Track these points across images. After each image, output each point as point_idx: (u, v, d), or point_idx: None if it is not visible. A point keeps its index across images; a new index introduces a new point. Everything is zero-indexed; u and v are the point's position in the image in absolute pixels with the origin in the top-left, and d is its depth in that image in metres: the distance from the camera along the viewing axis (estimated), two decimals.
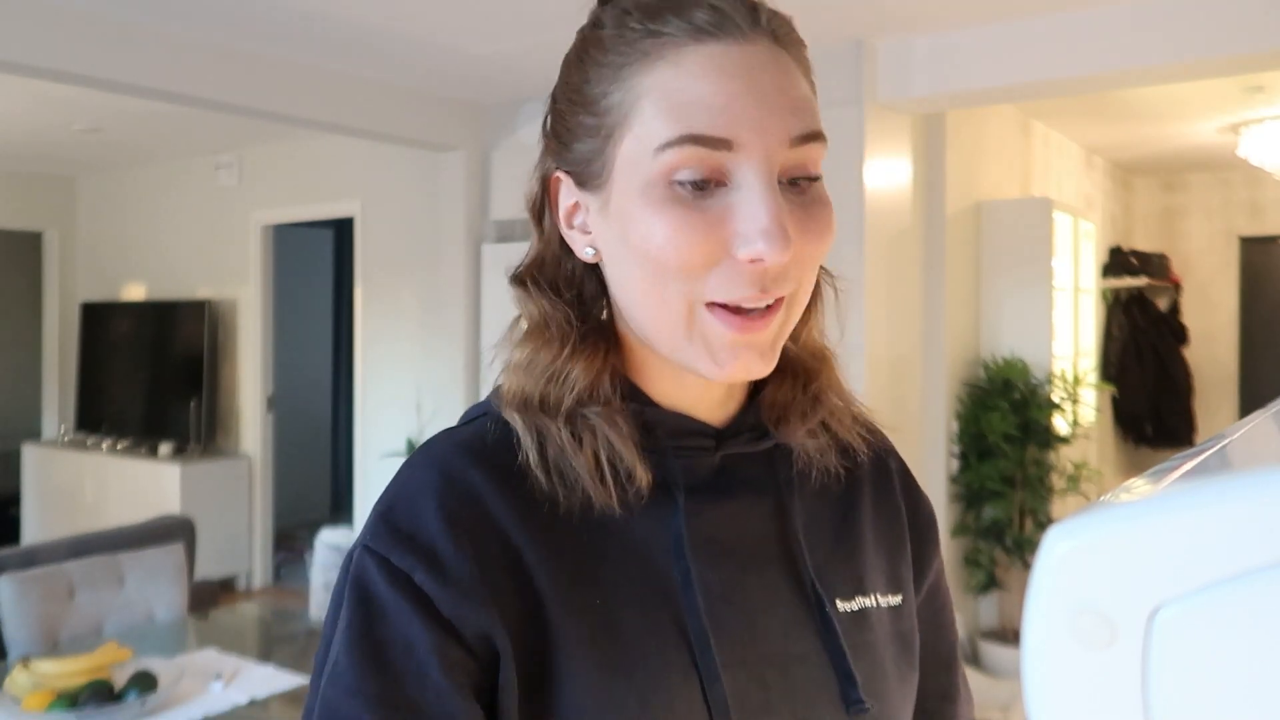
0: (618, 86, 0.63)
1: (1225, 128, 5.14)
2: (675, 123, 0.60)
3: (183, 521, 3.64)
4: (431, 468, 0.65)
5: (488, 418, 0.68)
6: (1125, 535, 0.31)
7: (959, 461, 4.22)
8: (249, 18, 3.30)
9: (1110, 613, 0.31)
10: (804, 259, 0.62)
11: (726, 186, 0.60)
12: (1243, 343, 6.70)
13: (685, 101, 0.60)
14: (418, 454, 0.67)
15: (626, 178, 0.62)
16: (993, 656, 4.21)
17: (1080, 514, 0.34)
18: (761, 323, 0.61)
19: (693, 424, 0.68)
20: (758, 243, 0.59)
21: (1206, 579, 0.29)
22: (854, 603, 0.71)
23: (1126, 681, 0.30)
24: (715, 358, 0.62)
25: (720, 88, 0.60)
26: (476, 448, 0.66)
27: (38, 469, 6.39)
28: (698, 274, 0.60)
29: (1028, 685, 0.32)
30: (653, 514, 0.66)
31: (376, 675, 0.58)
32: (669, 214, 0.60)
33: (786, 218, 0.59)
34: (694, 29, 0.61)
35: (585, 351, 0.66)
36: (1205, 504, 0.31)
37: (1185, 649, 0.30)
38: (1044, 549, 0.33)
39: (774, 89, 0.60)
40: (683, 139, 0.59)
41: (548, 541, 0.63)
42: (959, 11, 3.27)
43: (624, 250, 0.63)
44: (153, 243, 6.39)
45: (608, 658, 0.62)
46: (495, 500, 0.64)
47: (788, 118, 0.60)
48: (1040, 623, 0.32)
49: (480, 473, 0.64)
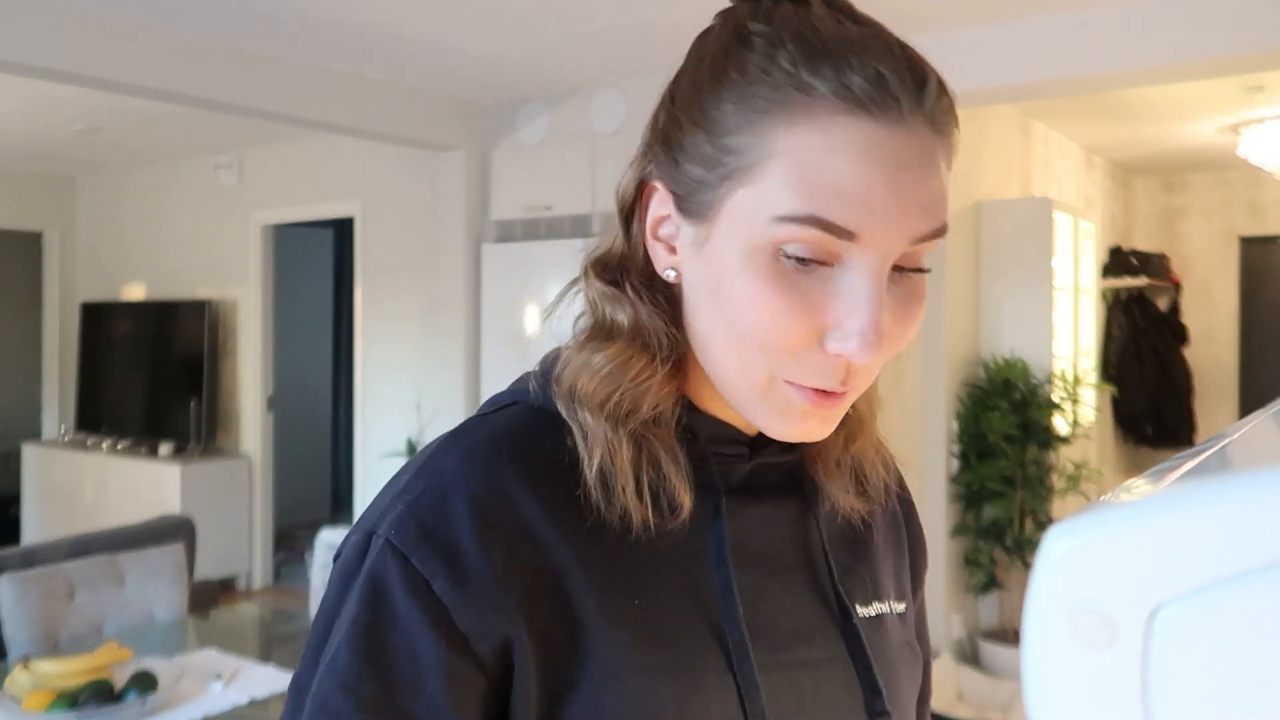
0: (750, 131, 0.57)
1: (1225, 128, 5.14)
2: (805, 199, 0.56)
3: (183, 521, 3.64)
4: (464, 460, 0.62)
5: (520, 408, 0.66)
6: (1125, 535, 0.31)
7: (959, 461, 4.22)
8: (249, 18, 3.30)
9: (1110, 613, 0.31)
10: (897, 348, 0.61)
11: (832, 267, 0.57)
12: (1243, 343, 6.70)
13: (821, 180, 0.56)
14: (449, 444, 0.64)
15: (733, 227, 0.59)
16: (993, 656, 4.21)
17: (1080, 514, 0.34)
18: (837, 399, 0.60)
19: (731, 431, 0.67)
20: (852, 342, 0.56)
21: (1206, 579, 0.29)
22: (871, 608, 0.71)
23: (1126, 681, 0.30)
24: (785, 422, 0.61)
25: (862, 176, 0.55)
26: (513, 441, 0.64)
27: (38, 469, 6.39)
28: (783, 353, 0.58)
29: (1028, 685, 0.32)
30: (695, 521, 0.64)
31: (375, 678, 0.57)
32: (768, 290, 0.57)
33: (887, 319, 0.57)
34: (851, 97, 0.55)
35: (668, 371, 0.64)
36: (1205, 504, 0.31)
37: (1185, 649, 0.30)
38: (1044, 549, 0.33)
39: (915, 185, 0.56)
40: (808, 219, 0.56)
41: (584, 543, 0.61)
42: (959, 11, 3.27)
43: (712, 299, 0.61)
44: (153, 243, 6.39)
45: (645, 663, 0.60)
46: (530, 499, 0.61)
47: (920, 217, 0.57)
48: (1040, 623, 0.32)
49: (516, 468, 0.62)
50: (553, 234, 4.22)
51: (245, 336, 5.85)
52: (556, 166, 4.18)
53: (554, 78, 3.99)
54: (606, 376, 0.63)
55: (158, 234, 6.36)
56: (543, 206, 4.24)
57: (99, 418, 6.31)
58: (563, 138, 4.22)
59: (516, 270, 4.26)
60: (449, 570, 0.58)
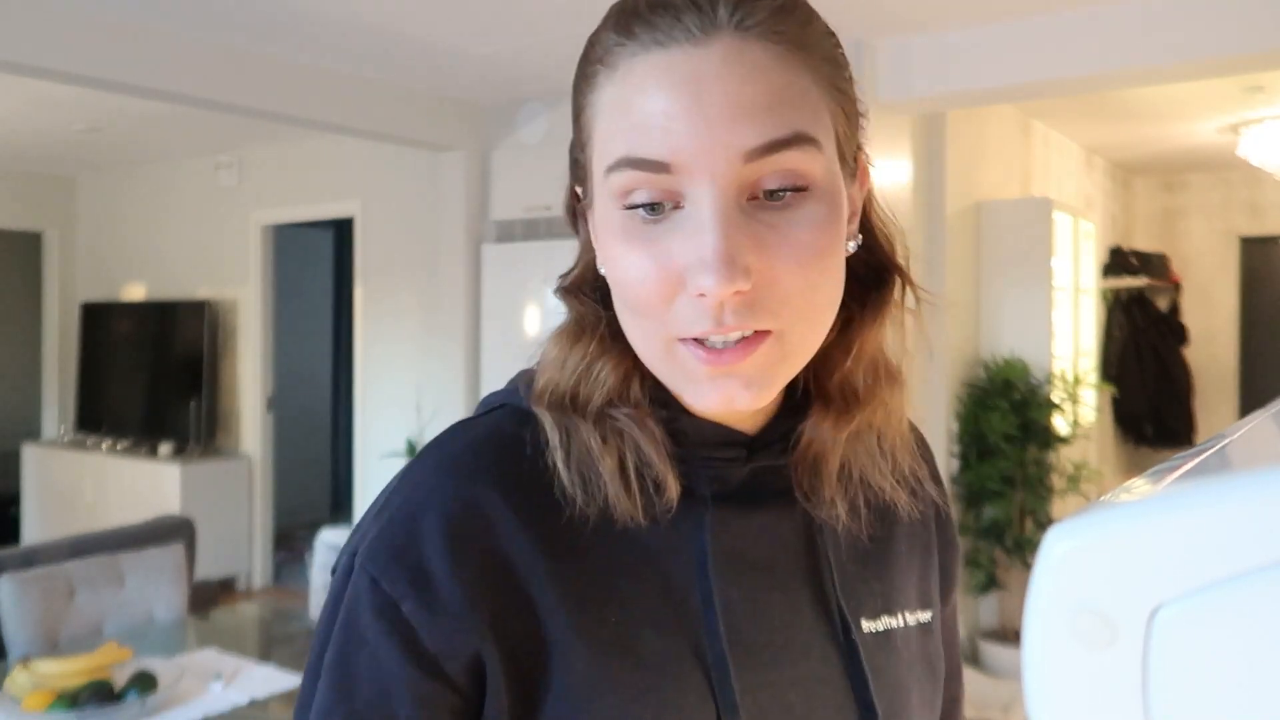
0: (586, 107, 0.60)
1: (1225, 128, 5.14)
2: (618, 143, 0.56)
3: (183, 521, 3.64)
4: (441, 473, 0.61)
5: (506, 410, 0.65)
6: (1125, 535, 0.31)
7: (959, 461, 4.22)
8: (249, 18, 3.30)
9: (1110, 613, 0.31)
10: (783, 287, 0.55)
11: (682, 209, 0.55)
12: (1243, 343, 6.70)
13: (628, 121, 0.56)
14: (429, 455, 0.63)
15: (596, 198, 0.60)
16: (993, 656, 4.21)
17: (1080, 514, 0.34)
18: (734, 356, 0.56)
19: (723, 432, 0.63)
20: (700, 273, 0.53)
21: (1206, 579, 0.29)
22: (880, 622, 0.67)
23: (1126, 681, 0.30)
24: (696, 389, 0.58)
25: (660, 103, 0.54)
26: (491, 449, 0.62)
27: (38, 469, 6.39)
28: (660, 310, 0.56)
29: (1028, 685, 0.32)
30: (678, 525, 0.62)
31: (344, 702, 0.58)
32: (625, 246, 0.57)
33: (743, 245, 0.54)
34: (641, 38, 0.56)
35: (615, 350, 0.63)
36: (1205, 504, 0.31)
37: (1185, 649, 0.30)
38: (1044, 549, 0.33)
39: (722, 97, 0.53)
40: (621, 162, 0.55)
41: (561, 555, 0.60)
42: (959, 11, 3.27)
43: (609, 275, 0.61)
44: (153, 243, 6.39)
45: (620, 681, 0.59)
46: (506, 512, 0.60)
47: (735, 128, 0.53)
48: (1040, 623, 0.32)
49: (492, 478, 0.61)
50: (553, 234, 4.22)
51: (245, 336, 5.85)
52: (556, 166, 4.11)
53: (554, 78, 3.99)
54: (559, 365, 0.63)
55: (158, 234, 6.36)
56: (543, 206, 4.23)
57: (99, 418, 6.31)
58: (563, 138, 4.15)
59: (516, 270, 4.26)
60: (417, 592, 0.57)
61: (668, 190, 0.55)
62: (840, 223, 0.58)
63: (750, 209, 0.55)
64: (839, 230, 0.58)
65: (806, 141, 0.55)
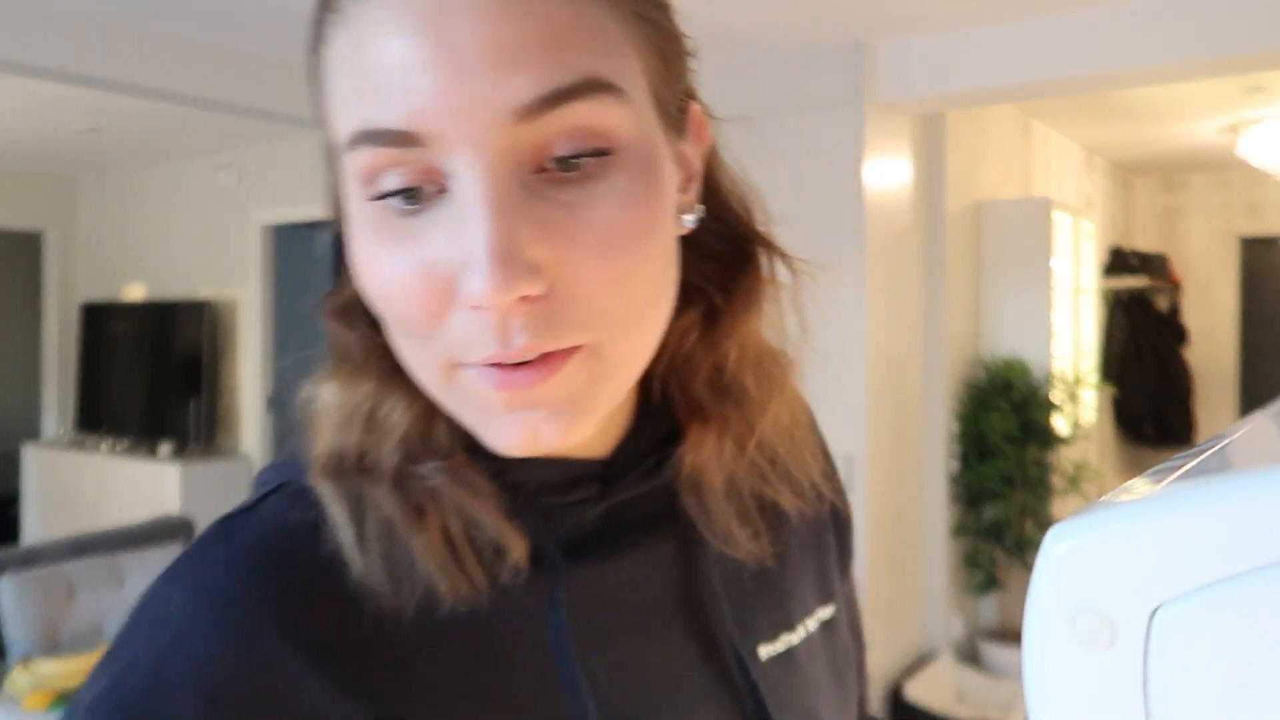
0: (319, 54, 0.45)
1: (1225, 128, 5.14)
2: (353, 113, 0.42)
3: (183, 521, 3.64)
4: (196, 611, 0.44)
5: (285, 493, 0.49)
6: (1125, 535, 0.31)
7: (959, 461, 4.22)
8: (250, 18, 3.30)
9: (1110, 613, 0.31)
10: (589, 286, 0.42)
11: (447, 193, 0.41)
12: (1243, 343, 6.70)
13: (361, 82, 0.41)
14: (180, 575, 0.46)
15: (344, 187, 0.45)
16: (993, 656, 4.21)
17: (1080, 514, 0.34)
18: (535, 375, 0.42)
19: (567, 469, 0.50)
20: (470, 279, 0.40)
21: (1206, 579, 0.29)
22: (779, 643, 0.57)
23: (1127, 682, 0.30)
24: (489, 426, 0.44)
25: (397, 54, 0.40)
26: (263, 563, 0.45)
27: (38, 469, 6.39)
28: (430, 329, 0.42)
29: (1028, 685, 0.32)
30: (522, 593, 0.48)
31: None
32: (377, 248, 0.43)
33: (525, 234, 0.40)
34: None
35: (405, 387, 0.47)
36: (1205, 504, 0.31)
37: (1185, 649, 0.30)
38: (1044, 549, 0.33)
39: (481, 38, 0.39)
40: (358, 137, 0.42)
41: (377, 676, 0.45)
42: (959, 11, 3.27)
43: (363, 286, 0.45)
44: (153, 243, 6.39)
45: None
46: (291, 650, 0.44)
47: (504, 79, 0.39)
48: (1040, 623, 0.32)
49: (269, 604, 0.44)
50: None
51: (245, 336, 5.85)
52: None
53: None
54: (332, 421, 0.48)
55: (158, 234, 6.36)
56: None
57: (99, 418, 6.31)
58: None
59: None
60: None
61: (424, 169, 0.41)
62: (660, 192, 0.44)
63: (536, 185, 0.41)
64: (660, 202, 0.44)
65: (603, 89, 0.41)
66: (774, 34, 3.43)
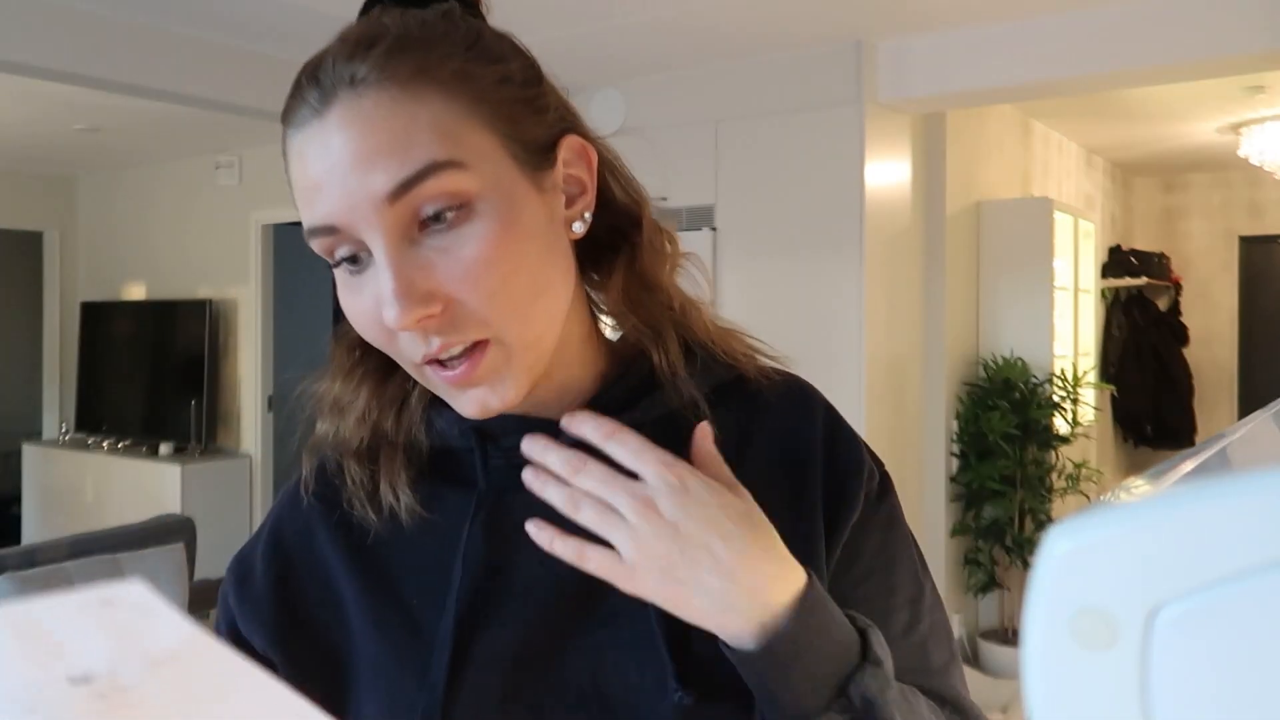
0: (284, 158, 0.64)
1: (1225, 128, 5.14)
2: (302, 212, 0.61)
3: (183, 521, 3.64)
4: (286, 493, 0.73)
5: None
6: (1125, 535, 0.31)
7: (959, 461, 4.22)
8: (250, 18, 3.30)
9: (1110, 613, 0.31)
10: (470, 301, 0.59)
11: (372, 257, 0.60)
12: (1243, 343, 6.70)
13: (298, 192, 0.61)
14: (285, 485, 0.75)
15: None
16: (993, 656, 4.21)
17: (1080, 514, 0.34)
18: (464, 370, 0.60)
19: (512, 423, 0.66)
20: (385, 311, 0.58)
21: (1206, 579, 0.29)
22: None
23: (1126, 682, 0.30)
24: (456, 401, 0.63)
25: (308, 178, 0.59)
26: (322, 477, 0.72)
27: (38, 469, 6.39)
28: (389, 344, 0.61)
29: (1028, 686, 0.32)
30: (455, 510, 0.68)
31: None
32: (345, 297, 0.62)
33: (413, 275, 0.58)
34: (289, 121, 0.61)
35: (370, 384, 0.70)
36: (1205, 504, 0.31)
37: (1185, 649, 0.30)
38: (1044, 549, 0.33)
39: (348, 156, 0.57)
40: (308, 232, 0.61)
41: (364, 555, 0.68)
42: (959, 11, 3.27)
43: None
44: (153, 243, 6.39)
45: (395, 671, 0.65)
46: (321, 524, 0.70)
47: (370, 179, 0.57)
48: (1040, 623, 0.32)
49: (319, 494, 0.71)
50: None
51: (245, 336, 5.85)
52: None
53: (554, 77, 3.99)
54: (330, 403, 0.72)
55: (158, 234, 6.36)
56: None
57: (99, 418, 6.30)
58: None
59: None
60: (240, 586, 0.71)
61: (354, 242, 0.59)
62: (518, 222, 0.60)
63: (420, 237, 0.59)
64: (519, 230, 0.60)
65: (444, 167, 0.57)
66: (774, 34, 3.43)
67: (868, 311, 3.48)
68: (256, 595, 0.70)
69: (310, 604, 0.69)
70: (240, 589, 0.71)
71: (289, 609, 0.69)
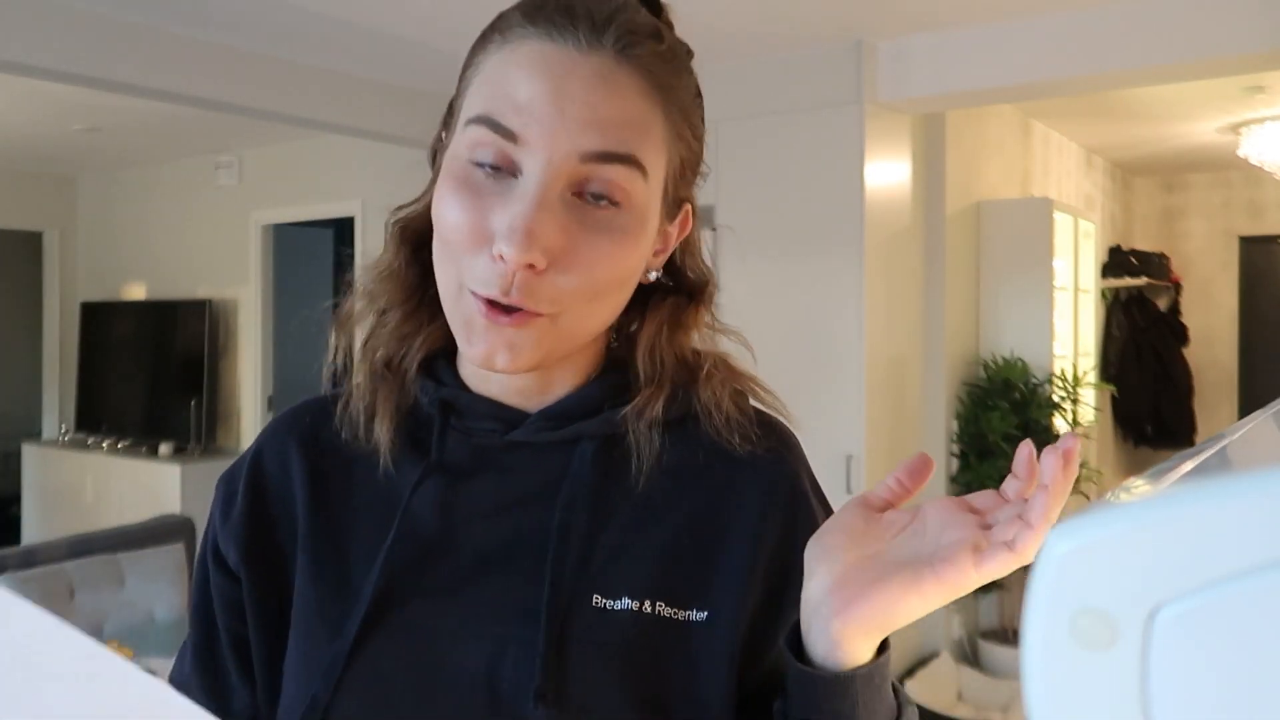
0: (476, 57, 0.66)
1: (1225, 128, 5.14)
2: (483, 103, 0.63)
3: (183, 521, 3.64)
4: (276, 420, 0.77)
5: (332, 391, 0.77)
6: (1125, 535, 0.31)
7: (959, 461, 4.22)
8: (249, 18, 3.30)
9: (1110, 613, 0.31)
10: (570, 277, 0.62)
11: (517, 178, 0.62)
12: (1243, 343, 6.70)
13: (496, 88, 0.62)
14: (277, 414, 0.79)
15: (452, 143, 0.66)
16: (993, 656, 4.21)
17: (1080, 514, 0.34)
18: (508, 319, 0.62)
19: (482, 406, 0.70)
20: (503, 239, 0.60)
21: (1206, 579, 0.29)
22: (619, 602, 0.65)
23: (1126, 682, 0.30)
24: (469, 337, 0.64)
25: (530, 85, 0.61)
26: (318, 403, 0.76)
27: (38, 469, 6.39)
28: (464, 257, 0.62)
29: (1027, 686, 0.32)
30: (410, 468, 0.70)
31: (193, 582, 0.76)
32: (456, 191, 0.63)
33: (550, 227, 0.60)
34: (536, 23, 0.63)
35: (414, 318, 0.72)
36: (1205, 504, 0.31)
37: (1185, 649, 0.30)
38: (1044, 549, 0.33)
39: (584, 103, 0.61)
40: (478, 119, 0.62)
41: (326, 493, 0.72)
42: (959, 11, 3.27)
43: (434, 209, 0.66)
44: (153, 243, 6.39)
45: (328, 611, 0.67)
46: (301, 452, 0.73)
47: (584, 132, 0.61)
48: (1040, 623, 0.32)
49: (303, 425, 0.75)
50: None
51: (245, 336, 5.85)
52: None
53: None
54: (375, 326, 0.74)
55: (158, 234, 6.36)
56: None
57: (99, 418, 6.30)
58: None
59: None
60: (223, 507, 0.74)
61: (509, 158, 0.62)
62: (639, 244, 0.65)
63: (571, 202, 0.62)
64: (637, 250, 0.65)
65: (635, 165, 0.62)
66: (774, 34, 3.43)
67: (868, 311, 3.48)
68: (234, 516, 0.72)
69: (279, 535, 0.72)
70: (224, 507, 0.74)
71: (259, 534, 0.72)
